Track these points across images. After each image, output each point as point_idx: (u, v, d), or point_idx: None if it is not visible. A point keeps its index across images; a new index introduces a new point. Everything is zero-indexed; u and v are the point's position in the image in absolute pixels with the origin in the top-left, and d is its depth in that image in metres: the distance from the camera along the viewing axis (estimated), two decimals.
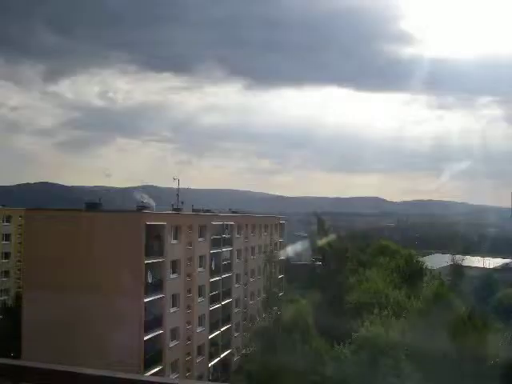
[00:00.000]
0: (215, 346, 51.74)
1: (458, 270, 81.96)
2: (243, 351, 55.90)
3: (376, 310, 46.11)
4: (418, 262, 65.74)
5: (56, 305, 37.72)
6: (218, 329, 52.01)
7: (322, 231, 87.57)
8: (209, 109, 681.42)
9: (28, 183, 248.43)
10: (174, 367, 43.57)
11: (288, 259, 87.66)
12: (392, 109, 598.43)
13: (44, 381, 2.70)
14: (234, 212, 62.86)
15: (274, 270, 59.17)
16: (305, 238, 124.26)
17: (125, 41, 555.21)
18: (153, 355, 39.74)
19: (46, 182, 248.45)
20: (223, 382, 50.77)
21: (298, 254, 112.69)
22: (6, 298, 65.08)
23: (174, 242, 43.71)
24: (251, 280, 61.73)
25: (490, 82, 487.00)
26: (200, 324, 48.71)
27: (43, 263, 39.14)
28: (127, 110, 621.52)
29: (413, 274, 62.35)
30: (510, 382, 38.84)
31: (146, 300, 38.45)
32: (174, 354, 43.23)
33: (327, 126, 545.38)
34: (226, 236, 54.89)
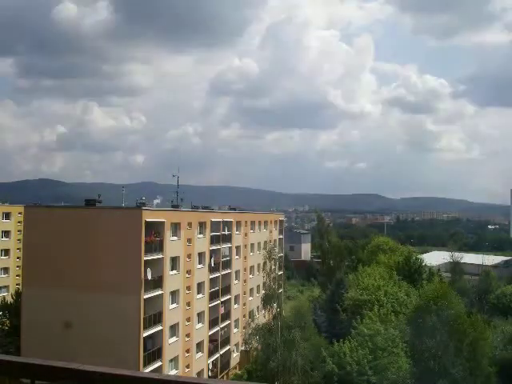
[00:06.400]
0: (214, 343, 51.77)
1: (456, 267, 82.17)
2: (242, 348, 56.00)
3: (375, 307, 46.19)
4: (417, 259, 65.82)
5: (55, 301, 37.80)
6: (217, 325, 52.04)
7: (322, 228, 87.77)
8: None
9: None
10: (174, 364, 43.63)
11: (287, 256, 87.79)
12: None
13: (43, 377, 2.69)
14: (232, 209, 62.79)
15: (273, 267, 59.11)
16: (304, 234, 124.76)
17: None
18: (152, 352, 39.77)
19: None
20: (222, 378, 50.82)
21: (298, 251, 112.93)
22: (5, 294, 65.05)
23: (174, 238, 43.67)
24: (250, 277, 61.74)
25: None
26: (199, 321, 48.76)
27: (43, 260, 39.18)
28: None
29: (412, 271, 62.45)
30: (509, 378, 38.94)
31: (145, 297, 38.44)
32: (174, 350, 43.25)
33: None
34: (226, 233, 54.84)
